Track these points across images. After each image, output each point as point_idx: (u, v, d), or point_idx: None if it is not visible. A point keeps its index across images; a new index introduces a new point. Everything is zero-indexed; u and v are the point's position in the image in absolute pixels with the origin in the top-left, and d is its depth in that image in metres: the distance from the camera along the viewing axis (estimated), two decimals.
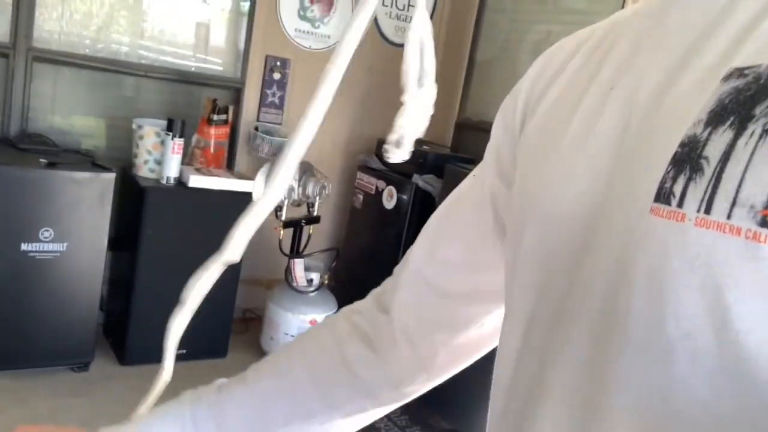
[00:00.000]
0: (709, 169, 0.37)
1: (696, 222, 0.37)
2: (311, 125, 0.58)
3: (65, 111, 3.07)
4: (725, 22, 0.44)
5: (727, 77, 0.40)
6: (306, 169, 3.15)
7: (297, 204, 3.18)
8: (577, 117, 0.51)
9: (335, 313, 0.73)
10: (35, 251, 2.60)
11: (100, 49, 3.03)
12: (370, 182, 3.40)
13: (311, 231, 3.24)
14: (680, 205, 0.38)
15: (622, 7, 2.69)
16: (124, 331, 2.92)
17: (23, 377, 2.73)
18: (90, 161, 2.78)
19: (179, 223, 2.90)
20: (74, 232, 2.67)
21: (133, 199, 2.87)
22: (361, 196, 3.47)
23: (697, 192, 0.37)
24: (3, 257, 2.55)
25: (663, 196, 0.39)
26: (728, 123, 0.38)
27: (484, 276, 0.64)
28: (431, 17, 3.68)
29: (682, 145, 0.40)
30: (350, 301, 0.75)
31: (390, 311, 0.68)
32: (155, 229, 2.84)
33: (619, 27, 0.55)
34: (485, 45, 3.60)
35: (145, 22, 3.15)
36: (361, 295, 0.75)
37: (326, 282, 3.25)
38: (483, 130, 3.50)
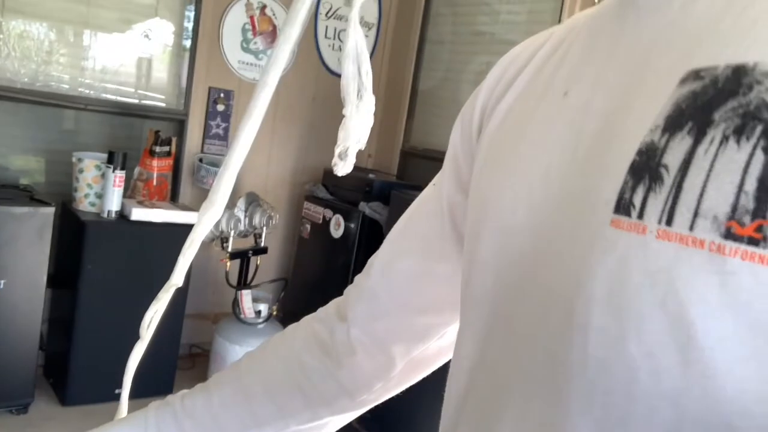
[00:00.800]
0: (669, 179, 0.36)
1: (657, 234, 0.35)
2: (243, 147, 0.58)
3: (2, 146, 2.99)
4: (683, 23, 0.42)
5: (684, 80, 0.38)
6: (252, 200, 3.13)
7: (244, 235, 3.16)
8: (532, 124, 0.50)
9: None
10: None
11: (39, 85, 2.98)
12: (317, 211, 3.40)
13: (259, 262, 3.22)
14: (641, 216, 0.36)
15: None
16: (65, 371, 2.83)
17: None
18: (28, 196, 2.71)
19: (121, 258, 2.84)
20: (12, 269, 2.60)
21: (73, 234, 2.80)
22: (308, 226, 3.47)
23: (657, 203, 0.36)
24: None
25: (622, 207, 0.37)
26: (686, 129, 0.36)
27: (443, 287, 0.63)
28: (373, 49, 3.74)
29: (640, 153, 0.38)
30: None
31: (348, 320, 0.67)
32: (96, 265, 2.78)
33: (577, 30, 0.53)
34: (427, 75, 3.68)
35: (86, 60, 3.11)
36: None
37: (275, 313, 3.23)
38: (427, 157, 3.55)
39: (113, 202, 2.80)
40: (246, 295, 3.13)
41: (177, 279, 0.64)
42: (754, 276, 0.32)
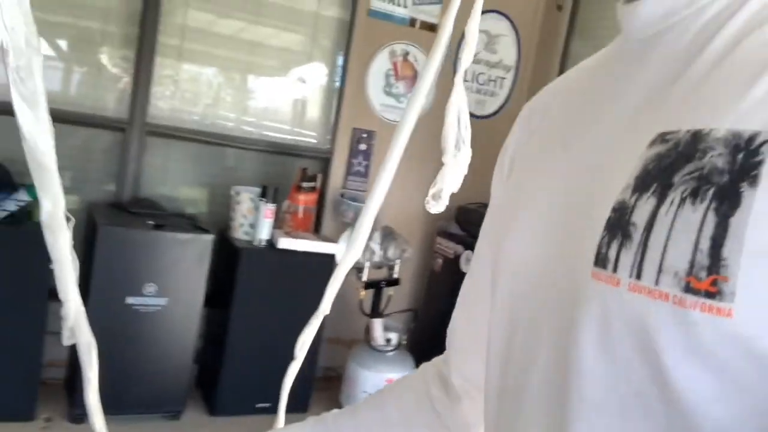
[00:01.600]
0: (637, 235, 0.38)
1: (629, 287, 0.38)
2: (383, 189, 0.68)
3: (173, 179, 3.34)
4: (668, 85, 0.44)
5: (653, 142, 0.41)
6: (388, 233, 3.29)
7: (378, 266, 3.30)
8: (538, 175, 0.53)
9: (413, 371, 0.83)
10: (139, 305, 2.79)
11: (207, 125, 3.32)
12: (449, 247, 3.50)
13: (391, 293, 3.34)
14: (615, 269, 0.39)
15: None
16: (215, 383, 3.05)
17: (119, 422, 2.85)
18: (192, 224, 3.00)
19: (269, 282, 3.07)
20: (174, 289, 2.86)
21: (228, 259, 3.06)
22: (440, 260, 3.57)
23: (628, 257, 0.38)
24: (110, 309, 2.76)
25: (600, 260, 0.40)
26: (651, 190, 0.39)
27: None
28: (511, 91, 3.82)
29: (614, 210, 0.41)
30: (427, 361, 0.83)
31: (450, 368, 0.74)
32: (247, 287, 3.02)
33: (587, 74, 0.55)
34: None
35: (250, 101, 3.43)
36: (438, 355, 0.82)
37: (404, 342, 3.33)
38: None
39: (264, 232, 3.05)
40: (377, 324, 3.26)
41: (325, 307, 0.77)
42: (714, 326, 0.35)
